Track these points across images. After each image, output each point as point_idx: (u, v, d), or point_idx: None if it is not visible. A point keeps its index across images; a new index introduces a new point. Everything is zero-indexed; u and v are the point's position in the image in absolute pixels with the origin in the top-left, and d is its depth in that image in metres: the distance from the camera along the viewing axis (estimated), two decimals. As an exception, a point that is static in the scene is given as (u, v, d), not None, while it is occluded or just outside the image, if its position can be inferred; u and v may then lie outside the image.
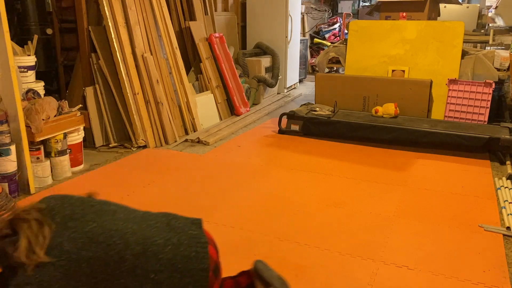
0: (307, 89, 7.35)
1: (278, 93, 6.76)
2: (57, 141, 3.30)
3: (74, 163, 3.51)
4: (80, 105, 3.66)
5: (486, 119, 4.26)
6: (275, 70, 6.36)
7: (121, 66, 4.01)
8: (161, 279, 1.21)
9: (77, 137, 3.53)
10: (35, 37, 3.59)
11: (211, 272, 1.29)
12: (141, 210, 1.40)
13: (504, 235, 2.51)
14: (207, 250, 1.29)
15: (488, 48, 5.21)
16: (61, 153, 3.34)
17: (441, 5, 5.82)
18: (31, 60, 3.47)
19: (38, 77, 3.63)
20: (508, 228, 2.55)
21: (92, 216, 1.24)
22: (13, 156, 2.96)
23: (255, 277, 1.63)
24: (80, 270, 1.13)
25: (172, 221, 1.34)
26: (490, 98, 4.22)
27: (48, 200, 1.26)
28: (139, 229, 1.26)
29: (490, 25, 5.69)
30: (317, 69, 5.52)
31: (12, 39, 3.19)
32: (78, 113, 3.50)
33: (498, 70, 4.40)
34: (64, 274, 1.11)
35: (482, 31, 6.20)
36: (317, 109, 4.65)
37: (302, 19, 8.45)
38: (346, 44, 5.02)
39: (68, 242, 1.15)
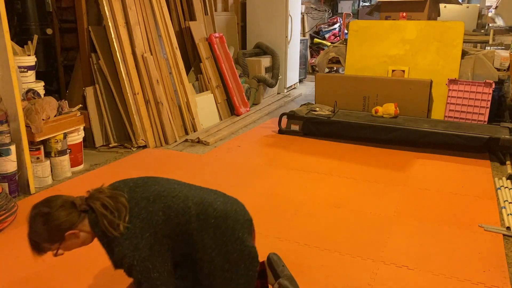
0: (307, 89, 7.35)
1: (278, 93, 6.76)
2: (57, 141, 3.30)
3: (74, 163, 3.51)
4: (80, 105, 3.66)
5: (486, 119, 4.26)
6: (275, 70, 6.36)
7: (121, 66, 4.01)
8: (219, 223, 1.52)
9: (77, 137, 3.53)
10: (35, 37, 3.58)
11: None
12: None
13: (504, 235, 2.51)
14: (246, 209, 1.65)
15: (488, 48, 5.21)
16: (61, 153, 3.34)
17: (441, 5, 5.82)
18: (31, 60, 3.47)
19: (38, 77, 3.63)
20: (508, 228, 2.55)
21: (152, 183, 1.56)
22: (13, 156, 2.96)
23: (267, 267, 1.83)
24: (158, 218, 1.46)
25: (213, 190, 1.66)
26: (490, 98, 4.22)
27: (112, 183, 1.59)
28: (191, 189, 1.59)
29: (490, 25, 5.69)
30: (317, 69, 5.52)
31: (12, 39, 3.19)
32: (78, 113, 3.50)
33: (498, 70, 4.39)
34: (148, 223, 1.44)
35: (482, 31, 6.20)
36: (317, 109, 4.65)
37: (302, 19, 8.45)
38: (346, 44, 5.02)
39: (142, 200, 1.49)
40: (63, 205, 1.45)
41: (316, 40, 8.38)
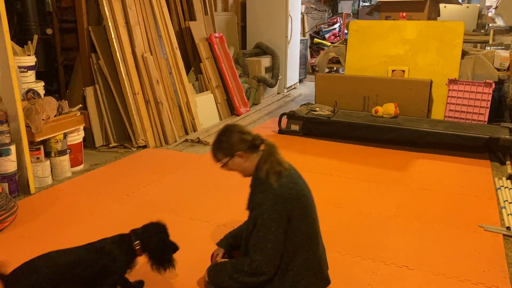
0: (307, 89, 7.35)
1: (278, 93, 6.76)
2: (57, 141, 3.30)
3: (74, 163, 3.51)
4: (80, 105, 3.66)
5: (486, 119, 4.26)
6: (275, 70, 6.36)
7: (121, 66, 4.01)
8: (310, 258, 1.76)
9: (77, 137, 3.53)
10: (35, 37, 3.58)
11: None
12: None
13: (504, 235, 2.51)
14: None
15: (488, 48, 5.21)
16: (61, 153, 3.34)
17: (441, 5, 5.82)
18: (31, 60, 3.47)
19: (38, 77, 3.63)
20: (508, 228, 2.55)
21: (306, 189, 1.83)
22: (13, 156, 2.96)
23: None
24: (289, 196, 1.70)
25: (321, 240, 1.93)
26: (490, 98, 4.22)
27: None
28: (318, 222, 1.85)
29: (490, 25, 5.69)
30: (317, 69, 5.52)
31: (12, 39, 3.19)
32: (78, 113, 3.50)
33: (498, 70, 4.40)
34: (288, 199, 1.69)
35: (482, 31, 6.20)
36: (317, 109, 4.65)
37: (302, 19, 8.45)
38: (346, 44, 5.02)
39: (286, 177, 1.76)
40: (244, 132, 1.81)
41: (316, 40, 8.38)
